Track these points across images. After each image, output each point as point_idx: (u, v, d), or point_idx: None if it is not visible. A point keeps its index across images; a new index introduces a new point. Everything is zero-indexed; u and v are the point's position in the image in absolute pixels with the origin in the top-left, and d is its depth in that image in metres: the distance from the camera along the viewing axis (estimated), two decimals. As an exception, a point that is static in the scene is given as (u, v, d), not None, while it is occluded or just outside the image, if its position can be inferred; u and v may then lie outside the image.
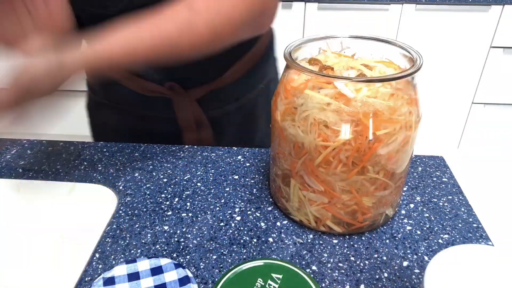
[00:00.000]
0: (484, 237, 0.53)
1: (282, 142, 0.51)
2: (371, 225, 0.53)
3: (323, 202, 0.50)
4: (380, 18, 1.78)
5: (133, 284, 0.45)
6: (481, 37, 1.78)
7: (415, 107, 0.48)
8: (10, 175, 0.67)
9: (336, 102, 0.45)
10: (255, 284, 0.42)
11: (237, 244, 0.52)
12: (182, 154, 0.70)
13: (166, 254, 0.50)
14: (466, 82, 1.89)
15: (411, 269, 0.48)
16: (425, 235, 0.53)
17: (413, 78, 0.48)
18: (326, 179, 0.48)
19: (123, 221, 0.56)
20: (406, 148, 0.48)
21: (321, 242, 0.52)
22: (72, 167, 0.67)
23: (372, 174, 0.47)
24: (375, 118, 0.44)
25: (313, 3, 1.75)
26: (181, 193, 0.61)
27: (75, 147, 0.72)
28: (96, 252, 0.51)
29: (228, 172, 0.65)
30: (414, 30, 1.79)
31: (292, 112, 0.48)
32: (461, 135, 2.02)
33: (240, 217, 0.56)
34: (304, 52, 0.54)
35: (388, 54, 0.53)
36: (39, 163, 0.68)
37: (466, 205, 0.58)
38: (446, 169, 0.65)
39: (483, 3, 1.69)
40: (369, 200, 0.50)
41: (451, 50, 1.81)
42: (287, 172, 0.52)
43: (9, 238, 0.70)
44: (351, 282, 0.46)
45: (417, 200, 0.59)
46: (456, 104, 1.94)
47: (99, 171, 0.66)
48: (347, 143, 0.45)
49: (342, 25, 1.80)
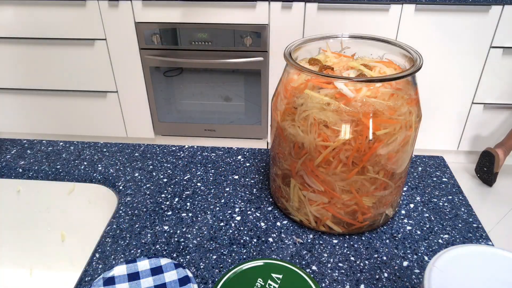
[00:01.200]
0: (484, 237, 0.53)
1: (282, 142, 0.51)
2: (371, 225, 0.53)
3: (323, 202, 0.50)
4: (380, 18, 1.78)
5: (133, 284, 0.45)
6: (481, 37, 1.78)
7: (415, 107, 0.48)
8: (10, 175, 0.67)
9: (336, 102, 0.45)
10: (255, 284, 0.42)
11: (237, 244, 0.52)
12: (182, 154, 0.70)
13: (166, 254, 0.50)
14: (466, 82, 1.89)
15: (411, 269, 0.48)
16: (425, 235, 0.53)
17: (413, 78, 0.48)
18: (326, 179, 0.48)
19: (123, 221, 0.56)
20: (406, 148, 0.48)
21: (321, 242, 0.52)
22: (72, 167, 0.67)
23: (372, 174, 0.47)
24: (375, 118, 0.44)
25: (313, 3, 1.75)
26: (181, 193, 0.61)
27: (75, 147, 0.72)
28: (96, 252, 0.51)
29: (228, 172, 0.65)
30: (414, 30, 1.79)
31: (292, 112, 0.48)
32: (461, 135, 2.02)
33: (240, 217, 0.56)
34: (304, 52, 0.54)
35: (388, 54, 0.53)
36: (39, 163, 0.68)
37: (466, 205, 0.58)
38: (446, 169, 0.65)
39: (483, 3, 1.69)
40: (369, 200, 0.50)
41: (451, 50, 1.81)
42: (287, 172, 0.52)
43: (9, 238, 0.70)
44: (351, 282, 0.46)
45: (417, 200, 0.59)
46: (456, 104, 1.94)
47: (99, 171, 0.66)
48: (347, 143, 0.45)
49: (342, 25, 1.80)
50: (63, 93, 2.09)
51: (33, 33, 1.93)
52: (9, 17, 1.89)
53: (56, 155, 0.70)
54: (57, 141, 0.74)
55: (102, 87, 2.05)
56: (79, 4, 1.82)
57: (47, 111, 2.16)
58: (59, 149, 0.72)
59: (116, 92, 2.05)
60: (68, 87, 2.06)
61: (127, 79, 2.01)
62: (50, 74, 2.04)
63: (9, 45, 1.98)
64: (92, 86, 2.05)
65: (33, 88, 2.09)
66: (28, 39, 1.95)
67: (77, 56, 1.97)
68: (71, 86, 2.06)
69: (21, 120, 2.21)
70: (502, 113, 1.95)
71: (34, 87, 2.09)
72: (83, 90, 2.07)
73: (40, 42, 1.95)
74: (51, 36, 1.92)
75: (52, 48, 1.96)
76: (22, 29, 1.92)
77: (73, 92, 2.08)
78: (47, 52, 1.98)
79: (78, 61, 1.98)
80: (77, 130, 2.22)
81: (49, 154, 0.71)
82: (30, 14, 1.88)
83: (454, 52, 1.82)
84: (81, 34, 1.90)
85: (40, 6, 1.85)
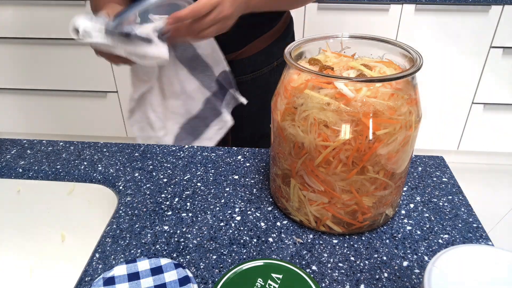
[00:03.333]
0: (484, 237, 0.53)
1: (282, 142, 0.51)
2: (371, 225, 0.53)
3: (323, 202, 0.50)
4: (380, 18, 1.77)
5: (133, 284, 0.45)
6: (481, 37, 1.78)
7: (415, 107, 0.48)
8: (10, 175, 0.67)
9: (336, 102, 0.45)
10: (255, 284, 0.42)
11: (237, 244, 0.52)
12: (182, 154, 0.70)
13: (166, 254, 0.50)
14: (466, 82, 1.88)
15: (411, 269, 0.48)
16: (425, 235, 0.53)
17: (413, 78, 0.48)
18: (326, 179, 0.48)
19: (123, 221, 0.56)
20: (406, 148, 0.48)
21: (321, 242, 0.52)
22: (72, 167, 0.67)
23: (372, 174, 0.47)
24: (375, 118, 0.44)
25: (313, 3, 1.75)
26: (181, 193, 0.61)
27: (75, 147, 0.72)
28: (96, 252, 0.51)
29: (228, 172, 0.65)
30: (414, 30, 1.79)
31: (292, 112, 0.48)
32: (461, 135, 2.02)
33: (240, 217, 0.56)
34: (304, 52, 0.54)
35: (388, 54, 0.53)
36: (39, 163, 0.68)
37: (466, 205, 0.58)
38: (446, 169, 0.65)
39: (483, 3, 1.69)
40: (369, 200, 0.50)
41: (451, 50, 1.81)
42: (287, 172, 0.52)
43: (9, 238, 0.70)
44: (351, 282, 0.46)
45: (417, 200, 0.59)
46: (456, 104, 1.94)
47: (99, 171, 0.66)
48: (347, 143, 0.45)
49: (342, 25, 1.80)
50: (63, 93, 2.09)
51: (33, 33, 1.93)
52: (9, 17, 1.89)
53: (56, 155, 0.70)
54: (57, 141, 0.74)
55: (102, 87, 2.05)
56: (79, 4, 1.82)
57: (47, 111, 2.16)
58: (59, 149, 0.72)
59: (116, 92, 2.05)
60: (68, 87, 2.06)
61: (127, 79, 2.00)
62: (50, 74, 2.04)
63: (9, 45, 1.98)
64: (92, 86, 2.05)
65: (33, 88, 2.09)
66: (28, 39, 1.95)
67: (77, 56, 1.97)
68: (71, 86, 2.06)
69: (21, 120, 2.21)
70: (502, 113, 1.95)
71: (34, 87, 2.09)
72: (83, 90, 2.07)
73: (40, 42, 1.95)
74: (51, 36, 1.92)
75: (52, 48, 1.96)
76: (22, 29, 1.92)
77: (73, 92, 2.08)
78: (47, 52, 1.98)
79: (78, 61, 1.98)
80: (77, 130, 2.22)
81: (49, 154, 0.71)
82: (30, 14, 1.88)
83: (454, 52, 1.82)
84: (81, 34, 1.90)
85: (40, 6, 1.85)
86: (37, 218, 0.68)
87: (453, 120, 1.99)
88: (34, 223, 0.68)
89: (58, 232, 0.68)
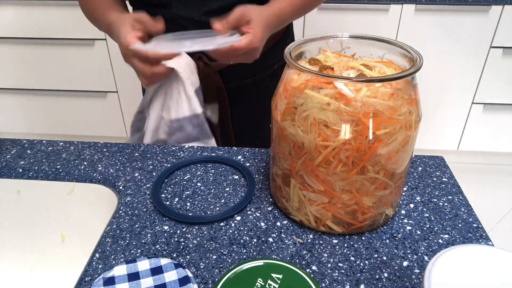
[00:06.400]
0: (484, 237, 0.53)
1: (282, 142, 0.51)
2: (371, 225, 0.53)
3: (323, 202, 0.50)
4: (380, 18, 1.78)
5: (133, 284, 0.45)
6: (481, 37, 1.78)
7: (415, 107, 0.48)
8: (10, 175, 0.67)
9: (336, 102, 0.45)
10: (255, 284, 0.42)
11: (237, 244, 0.52)
12: (182, 154, 0.70)
13: (166, 254, 0.50)
14: (466, 82, 1.88)
15: (411, 269, 0.48)
16: (425, 235, 0.53)
17: (413, 78, 0.48)
18: (326, 178, 0.48)
19: (123, 221, 0.56)
20: (406, 148, 0.48)
21: (321, 242, 0.52)
22: (72, 167, 0.67)
23: (372, 174, 0.47)
24: (375, 118, 0.44)
25: (313, 3, 1.75)
26: (181, 193, 0.61)
27: (75, 147, 0.72)
28: (96, 252, 0.51)
29: (228, 172, 0.65)
30: (414, 30, 1.79)
31: (292, 112, 0.48)
32: (461, 135, 2.02)
33: (240, 217, 0.56)
34: (304, 52, 0.54)
35: (388, 54, 0.53)
36: (39, 163, 0.68)
37: (466, 205, 0.58)
38: (446, 169, 0.65)
39: (483, 3, 1.69)
40: (369, 200, 0.50)
41: (451, 50, 1.81)
42: (287, 172, 0.52)
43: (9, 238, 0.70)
44: (351, 282, 0.46)
45: (417, 200, 0.59)
46: (456, 104, 1.94)
47: (99, 171, 0.66)
48: (347, 143, 0.45)
49: (342, 25, 1.80)
50: (63, 93, 2.09)
51: (33, 33, 1.93)
52: (9, 17, 1.89)
53: (56, 155, 0.70)
54: (57, 141, 0.74)
55: (102, 87, 2.05)
56: (79, 4, 1.82)
57: (47, 111, 2.16)
58: (59, 149, 0.72)
59: (116, 92, 2.05)
60: (68, 87, 2.06)
61: (127, 79, 2.01)
62: (50, 74, 2.04)
63: (9, 45, 1.98)
64: (92, 86, 2.05)
65: (33, 88, 2.09)
66: (28, 39, 1.95)
67: (77, 56, 1.97)
68: (71, 86, 2.06)
69: (21, 120, 2.21)
70: (502, 113, 1.95)
71: (34, 87, 2.09)
72: (83, 90, 2.07)
73: (40, 42, 1.95)
74: (51, 36, 1.92)
75: (52, 48, 1.96)
76: (22, 29, 1.92)
77: (73, 92, 2.08)
78: (47, 52, 1.98)
79: (78, 61, 1.98)
80: (77, 130, 2.22)
81: (49, 154, 0.71)
82: (30, 14, 1.88)
83: (454, 52, 1.82)
84: (81, 34, 1.90)
85: (40, 6, 1.85)
86: (37, 218, 0.68)
87: (453, 120, 1.99)
88: (34, 223, 0.68)
89: (58, 232, 0.68)
